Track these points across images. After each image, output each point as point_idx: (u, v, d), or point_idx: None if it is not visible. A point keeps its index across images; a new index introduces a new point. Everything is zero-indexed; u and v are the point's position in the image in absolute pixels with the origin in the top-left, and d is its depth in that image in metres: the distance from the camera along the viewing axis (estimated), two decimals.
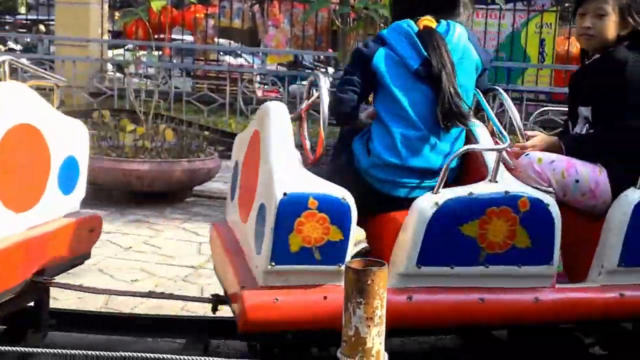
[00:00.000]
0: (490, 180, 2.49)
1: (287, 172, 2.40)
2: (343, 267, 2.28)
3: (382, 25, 5.66)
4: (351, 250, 2.42)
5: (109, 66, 11.29)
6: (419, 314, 2.48)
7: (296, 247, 2.31)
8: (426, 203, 2.41)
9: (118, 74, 10.73)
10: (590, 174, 2.72)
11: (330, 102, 2.72)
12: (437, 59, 2.64)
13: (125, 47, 11.75)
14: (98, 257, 4.27)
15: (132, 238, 4.77)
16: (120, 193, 5.70)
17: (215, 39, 12.36)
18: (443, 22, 2.77)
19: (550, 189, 2.64)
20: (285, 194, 2.28)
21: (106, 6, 11.09)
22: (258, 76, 11.85)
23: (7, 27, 17.22)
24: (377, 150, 2.65)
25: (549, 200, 2.51)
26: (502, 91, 2.89)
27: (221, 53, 12.58)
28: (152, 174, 5.55)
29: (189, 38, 13.20)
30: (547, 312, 2.60)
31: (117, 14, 12.83)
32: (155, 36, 8.56)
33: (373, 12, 5.27)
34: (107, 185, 5.64)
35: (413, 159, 2.63)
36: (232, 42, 13.80)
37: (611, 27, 2.84)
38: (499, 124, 2.73)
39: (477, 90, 2.83)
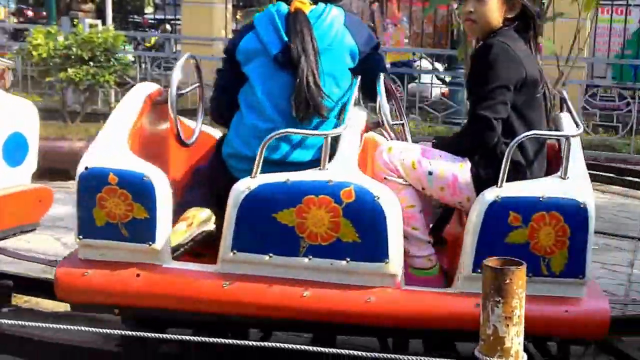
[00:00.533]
0: (320, 169, 2.33)
1: (100, 148, 2.41)
2: (155, 246, 2.35)
3: None
4: (188, 230, 2.44)
5: None
6: (234, 302, 2.36)
7: (102, 222, 2.35)
8: (240, 187, 2.31)
9: None
10: (449, 167, 2.49)
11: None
12: (298, 45, 2.44)
13: None
14: None
15: None
16: None
17: None
18: (321, 4, 2.57)
19: (400, 180, 2.48)
20: (86, 168, 2.33)
21: (230, 5, 11.30)
22: None
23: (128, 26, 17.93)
24: (233, 141, 2.55)
25: (381, 193, 2.30)
26: (381, 80, 2.58)
27: None
28: None
29: None
30: (382, 315, 2.38)
31: (239, 13, 13.08)
32: None
33: None
34: None
35: (268, 151, 2.36)
36: None
37: (494, 11, 2.55)
38: (387, 113, 2.59)
39: (358, 76, 2.60)
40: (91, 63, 6.12)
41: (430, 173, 2.47)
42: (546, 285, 2.37)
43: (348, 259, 2.33)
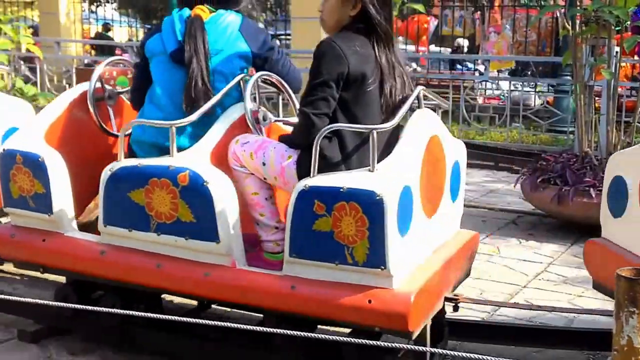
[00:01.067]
0: (171, 155, 2.64)
1: (18, 134, 3.02)
2: (54, 217, 2.89)
3: (614, 27, 5.34)
4: (95, 208, 2.98)
5: None
6: (109, 268, 2.79)
7: (16, 194, 2.95)
8: (107, 168, 2.73)
9: None
10: (278, 159, 2.64)
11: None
12: (191, 46, 2.75)
13: None
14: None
15: None
16: None
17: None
18: (221, 11, 2.87)
19: (243, 169, 2.70)
20: (3, 150, 2.95)
21: None
22: (478, 83, 11.72)
23: None
24: (137, 128, 2.89)
25: (211, 179, 2.54)
26: (251, 81, 2.77)
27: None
28: None
29: (410, 48, 13.41)
30: (218, 290, 2.63)
31: None
32: None
33: (606, 13, 4.96)
34: None
35: (161, 137, 2.73)
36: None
37: (335, 8, 2.63)
38: (248, 111, 2.76)
39: (249, 76, 2.82)
40: None
41: (264, 164, 2.65)
42: (353, 273, 2.42)
43: (187, 237, 2.62)
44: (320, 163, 2.44)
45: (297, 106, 2.78)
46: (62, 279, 3.25)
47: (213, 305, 3.24)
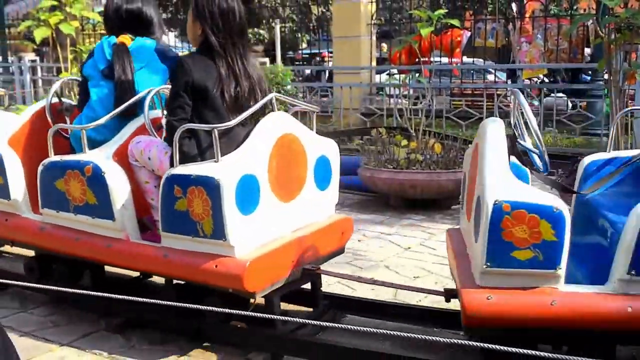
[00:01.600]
0: (84, 152, 3.20)
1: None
2: (12, 202, 3.50)
3: None
4: None
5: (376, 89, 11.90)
6: (47, 241, 3.38)
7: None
8: (42, 162, 3.27)
9: (385, 97, 11.26)
10: (159, 155, 3.10)
11: None
12: (119, 66, 3.32)
13: (387, 72, 12.30)
14: (384, 255, 4.62)
15: (410, 239, 5.05)
16: (397, 200, 6.06)
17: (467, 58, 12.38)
18: (139, 38, 3.44)
19: (136, 163, 3.20)
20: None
21: (374, 37, 11.71)
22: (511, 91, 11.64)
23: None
24: (76, 130, 3.32)
25: (107, 170, 3.09)
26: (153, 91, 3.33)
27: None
28: (423, 183, 5.81)
29: (444, 59, 13.38)
30: (117, 257, 3.18)
31: (383, 44, 13.44)
32: (416, 59, 8.89)
33: (639, 20, 4.92)
34: (386, 193, 6.05)
35: (97, 136, 3.31)
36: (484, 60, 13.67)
37: (190, 29, 3.09)
38: (147, 115, 3.29)
39: (154, 88, 3.36)
40: None
41: (149, 158, 3.14)
42: (204, 244, 2.85)
43: (94, 216, 3.16)
44: (181, 156, 2.89)
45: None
46: None
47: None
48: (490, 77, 12.74)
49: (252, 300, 2.99)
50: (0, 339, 1.17)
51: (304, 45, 18.96)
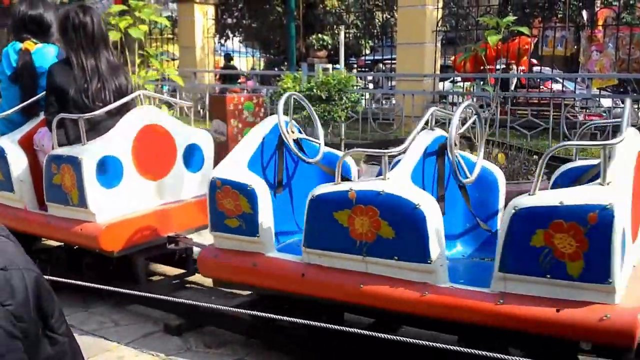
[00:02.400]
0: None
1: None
2: None
3: None
4: None
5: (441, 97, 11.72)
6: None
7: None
8: None
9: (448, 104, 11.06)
10: (47, 141, 3.78)
11: None
12: (21, 70, 3.91)
13: (451, 80, 12.10)
14: None
15: None
16: None
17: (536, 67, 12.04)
18: (40, 44, 3.99)
19: (38, 148, 3.87)
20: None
21: (439, 44, 11.52)
22: (579, 101, 11.24)
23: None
24: None
25: (9, 151, 3.77)
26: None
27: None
28: None
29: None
30: (18, 224, 3.74)
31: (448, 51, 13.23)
32: (482, 67, 8.68)
33: None
34: None
35: (7, 130, 3.97)
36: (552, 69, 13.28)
37: (59, 42, 3.98)
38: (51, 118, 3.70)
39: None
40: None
41: (44, 145, 3.83)
42: (73, 211, 3.51)
43: (1, 190, 3.93)
44: (58, 141, 3.59)
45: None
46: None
47: None
48: (558, 86, 12.35)
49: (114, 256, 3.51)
50: (69, 344, 1.15)
51: (367, 51, 18.89)
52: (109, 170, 3.48)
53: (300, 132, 3.31)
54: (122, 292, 2.70)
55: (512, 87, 12.37)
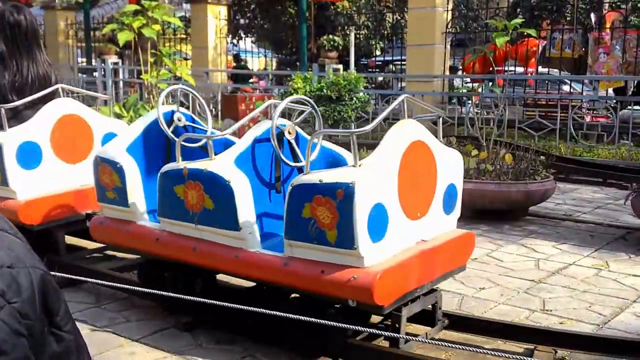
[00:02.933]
0: None
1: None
2: None
3: None
4: None
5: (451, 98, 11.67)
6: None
7: None
8: None
9: (457, 105, 11.01)
10: None
11: None
12: None
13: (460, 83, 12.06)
14: None
15: (477, 250, 4.87)
16: (465, 209, 5.86)
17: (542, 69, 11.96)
18: None
19: None
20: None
21: (448, 46, 11.48)
22: (586, 102, 11.16)
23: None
24: None
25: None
26: None
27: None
28: (492, 194, 5.62)
29: (519, 69, 12.99)
30: None
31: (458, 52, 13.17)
32: (490, 69, 8.64)
33: None
34: None
35: None
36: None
37: None
38: None
39: None
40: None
41: None
42: (1, 190, 3.89)
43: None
44: None
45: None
46: None
47: None
48: (565, 88, 12.27)
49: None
50: (75, 341, 1.15)
51: (378, 52, 18.84)
52: (28, 153, 3.89)
53: (192, 120, 3.80)
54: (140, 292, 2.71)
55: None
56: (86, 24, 16.11)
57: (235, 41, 18.31)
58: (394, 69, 16.42)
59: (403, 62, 12.87)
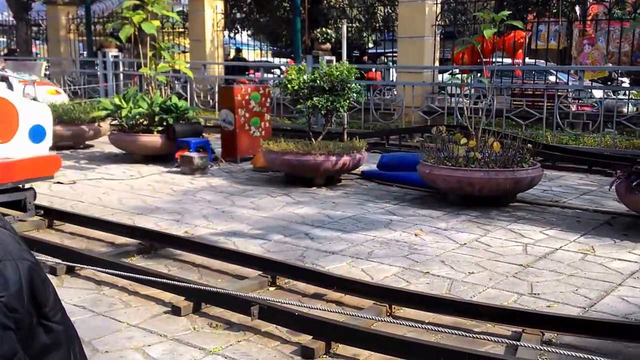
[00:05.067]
0: None
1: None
2: None
3: None
4: None
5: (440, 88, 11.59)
6: None
7: None
8: None
9: (447, 95, 10.94)
10: None
11: None
12: None
13: (450, 72, 11.97)
14: (440, 250, 4.43)
15: (466, 235, 4.84)
16: (455, 196, 5.83)
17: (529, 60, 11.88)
18: None
19: None
20: None
21: (438, 38, 11.39)
22: (572, 92, 11.10)
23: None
24: None
25: None
26: None
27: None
28: (481, 181, 5.57)
29: (506, 60, 12.91)
30: None
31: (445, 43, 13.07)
32: (478, 60, 8.57)
33: None
34: (444, 189, 5.82)
35: None
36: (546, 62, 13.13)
37: None
38: None
39: None
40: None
41: None
42: None
43: None
44: None
45: None
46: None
47: None
48: (552, 78, 12.21)
49: None
50: (65, 331, 1.10)
51: (370, 45, 18.71)
52: None
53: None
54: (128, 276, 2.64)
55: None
56: (87, 18, 15.94)
57: (231, 34, 18.16)
58: (385, 60, 16.31)
59: (395, 54, 12.76)
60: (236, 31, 18.45)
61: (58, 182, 6.68)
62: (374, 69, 15.38)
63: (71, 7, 16.94)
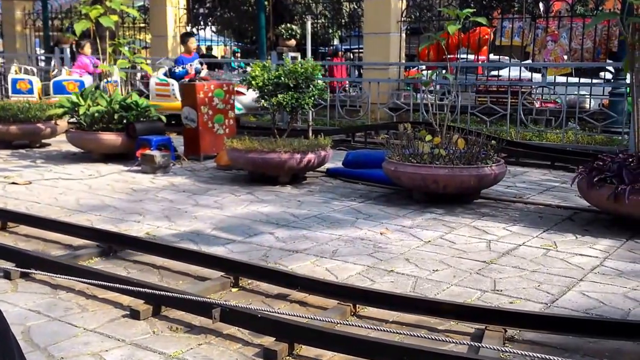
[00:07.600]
0: None
1: None
2: None
3: None
4: None
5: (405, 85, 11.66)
6: None
7: None
8: None
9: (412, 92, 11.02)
10: None
11: None
12: None
13: (416, 68, 12.07)
14: (405, 248, 4.46)
15: (430, 233, 4.87)
16: (420, 194, 5.87)
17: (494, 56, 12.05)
18: None
19: None
20: None
21: (403, 34, 11.46)
22: (535, 89, 11.30)
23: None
24: None
25: None
26: None
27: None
28: (445, 178, 5.62)
29: (470, 57, 13.07)
30: None
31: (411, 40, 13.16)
32: (443, 56, 8.66)
33: None
34: (409, 187, 5.86)
35: None
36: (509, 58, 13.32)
37: None
38: None
39: None
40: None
41: None
42: None
43: None
44: None
45: None
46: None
47: None
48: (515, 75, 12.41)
49: None
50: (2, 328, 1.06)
51: (336, 41, 18.71)
52: None
53: None
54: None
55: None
56: (44, 13, 15.57)
57: (195, 30, 17.96)
58: (352, 56, 16.33)
59: (361, 50, 12.79)
60: (200, 27, 18.26)
61: (13, 183, 6.51)
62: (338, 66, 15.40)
63: (27, 2, 16.54)
